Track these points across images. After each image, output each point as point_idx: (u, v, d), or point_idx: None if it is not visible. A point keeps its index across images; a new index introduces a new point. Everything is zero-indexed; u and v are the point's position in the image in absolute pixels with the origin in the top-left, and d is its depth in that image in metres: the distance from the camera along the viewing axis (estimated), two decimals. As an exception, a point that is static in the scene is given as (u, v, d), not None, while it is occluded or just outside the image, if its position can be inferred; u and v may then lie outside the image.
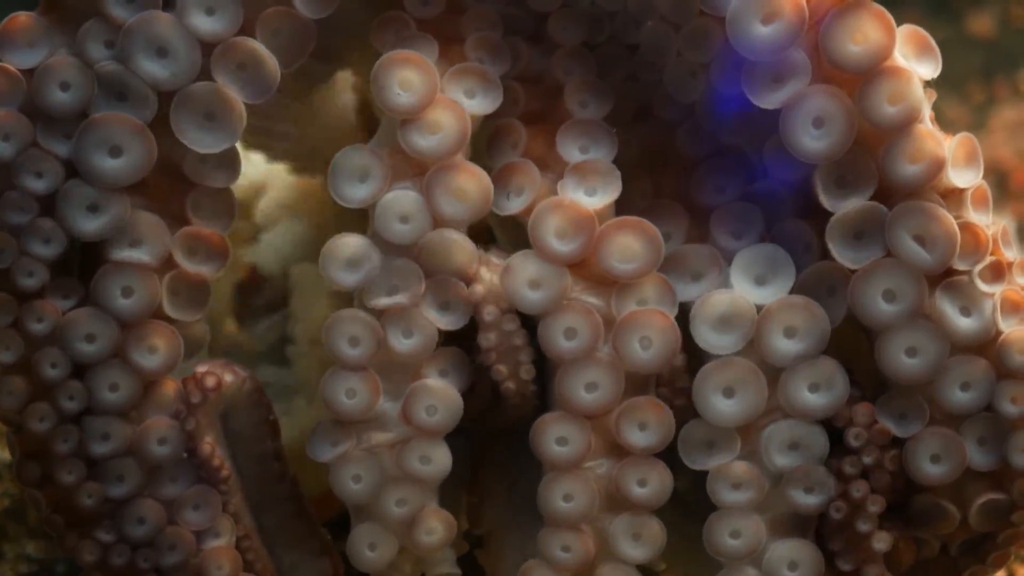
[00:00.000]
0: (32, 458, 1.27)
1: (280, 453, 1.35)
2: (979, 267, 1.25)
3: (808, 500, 1.26)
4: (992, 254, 1.26)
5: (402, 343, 1.27)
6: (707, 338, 1.26)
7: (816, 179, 1.25)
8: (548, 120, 1.32)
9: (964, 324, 1.24)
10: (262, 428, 1.34)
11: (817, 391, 1.25)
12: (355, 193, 1.28)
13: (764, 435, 1.26)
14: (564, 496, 1.27)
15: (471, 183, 1.27)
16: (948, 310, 1.23)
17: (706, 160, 1.34)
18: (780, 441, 1.26)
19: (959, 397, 1.24)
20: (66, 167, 1.25)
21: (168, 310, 1.27)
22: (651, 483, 1.27)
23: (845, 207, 1.24)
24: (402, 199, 1.27)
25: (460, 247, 1.28)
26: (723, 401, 1.26)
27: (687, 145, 1.35)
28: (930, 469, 1.25)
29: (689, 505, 1.32)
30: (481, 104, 1.29)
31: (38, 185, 1.24)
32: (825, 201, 1.25)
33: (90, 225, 1.25)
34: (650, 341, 1.26)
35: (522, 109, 1.33)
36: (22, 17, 1.26)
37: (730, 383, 1.25)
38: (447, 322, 1.28)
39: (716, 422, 1.26)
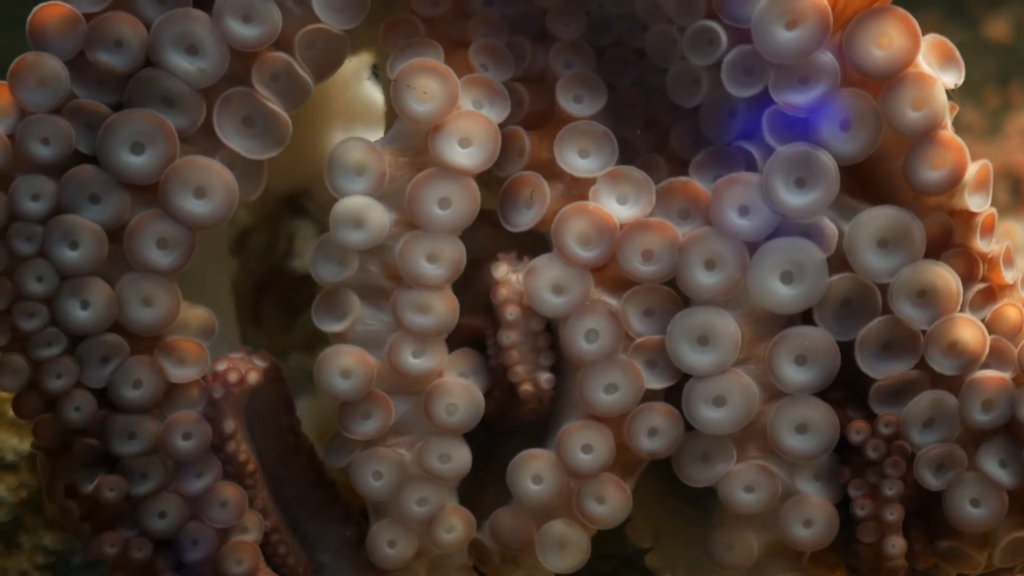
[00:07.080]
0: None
1: (296, 427, 1.36)
2: (970, 293, 1.26)
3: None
4: (990, 276, 1.27)
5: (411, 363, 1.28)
6: (697, 278, 1.26)
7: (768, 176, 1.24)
8: (553, 121, 1.32)
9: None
10: (278, 404, 1.35)
11: (805, 432, 1.26)
12: (351, 186, 1.27)
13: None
14: (533, 478, 1.28)
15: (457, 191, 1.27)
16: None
17: (703, 153, 1.33)
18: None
19: (980, 416, 1.25)
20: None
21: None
22: (609, 500, 1.28)
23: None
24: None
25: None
26: (714, 411, 1.26)
27: (683, 147, 1.34)
28: (970, 512, 1.25)
29: (671, 480, 1.32)
30: (489, 115, 1.28)
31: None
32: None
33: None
34: (656, 361, 1.27)
35: (527, 110, 1.32)
36: (30, 57, 1.24)
37: (719, 393, 1.26)
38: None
39: (710, 431, 1.26)
